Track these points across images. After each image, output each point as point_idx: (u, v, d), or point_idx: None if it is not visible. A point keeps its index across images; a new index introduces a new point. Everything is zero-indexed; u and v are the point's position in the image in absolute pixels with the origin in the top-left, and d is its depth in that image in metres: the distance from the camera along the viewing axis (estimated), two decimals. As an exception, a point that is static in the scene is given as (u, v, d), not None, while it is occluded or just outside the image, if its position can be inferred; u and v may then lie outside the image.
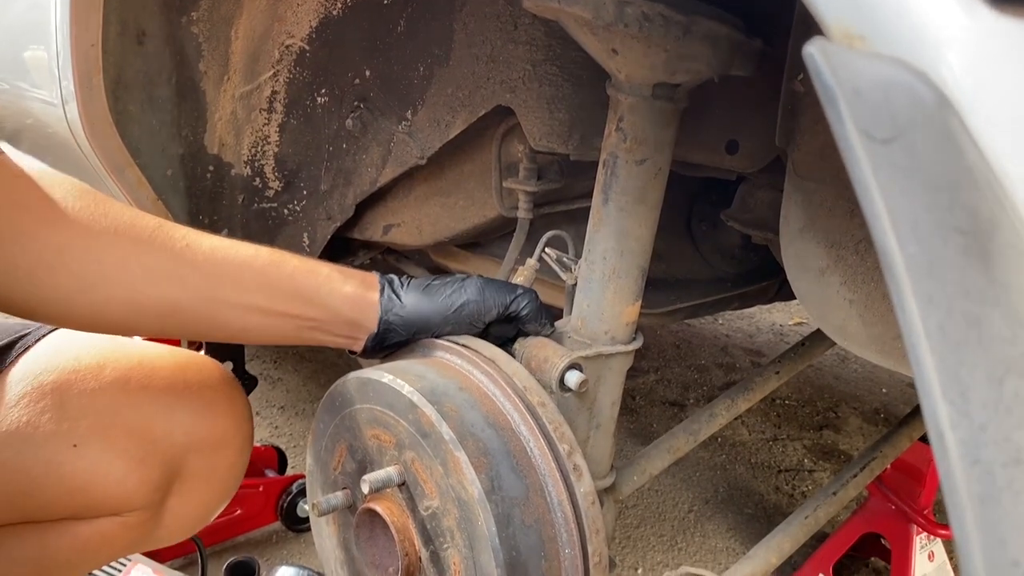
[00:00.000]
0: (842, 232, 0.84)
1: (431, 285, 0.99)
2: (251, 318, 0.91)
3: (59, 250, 0.79)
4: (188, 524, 1.01)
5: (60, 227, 0.80)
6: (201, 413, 0.97)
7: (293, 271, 0.93)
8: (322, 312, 0.95)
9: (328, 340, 0.98)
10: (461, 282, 0.99)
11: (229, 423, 1.00)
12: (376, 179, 1.38)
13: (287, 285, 0.92)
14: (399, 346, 0.99)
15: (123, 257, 0.82)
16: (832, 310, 0.85)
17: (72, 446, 0.88)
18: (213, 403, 0.99)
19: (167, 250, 0.85)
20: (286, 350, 2.69)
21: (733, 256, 1.60)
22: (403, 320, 0.96)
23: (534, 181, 1.27)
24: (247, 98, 1.33)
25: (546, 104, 1.11)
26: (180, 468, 0.96)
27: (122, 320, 0.85)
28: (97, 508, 0.90)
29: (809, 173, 0.85)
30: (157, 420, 0.94)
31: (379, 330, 0.96)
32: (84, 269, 0.80)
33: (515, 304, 0.98)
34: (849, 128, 0.37)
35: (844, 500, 1.21)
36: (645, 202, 0.97)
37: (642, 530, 2.00)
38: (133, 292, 0.83)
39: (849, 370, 2.99)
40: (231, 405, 1.01)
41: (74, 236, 0.80)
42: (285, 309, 0.92)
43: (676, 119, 0.94)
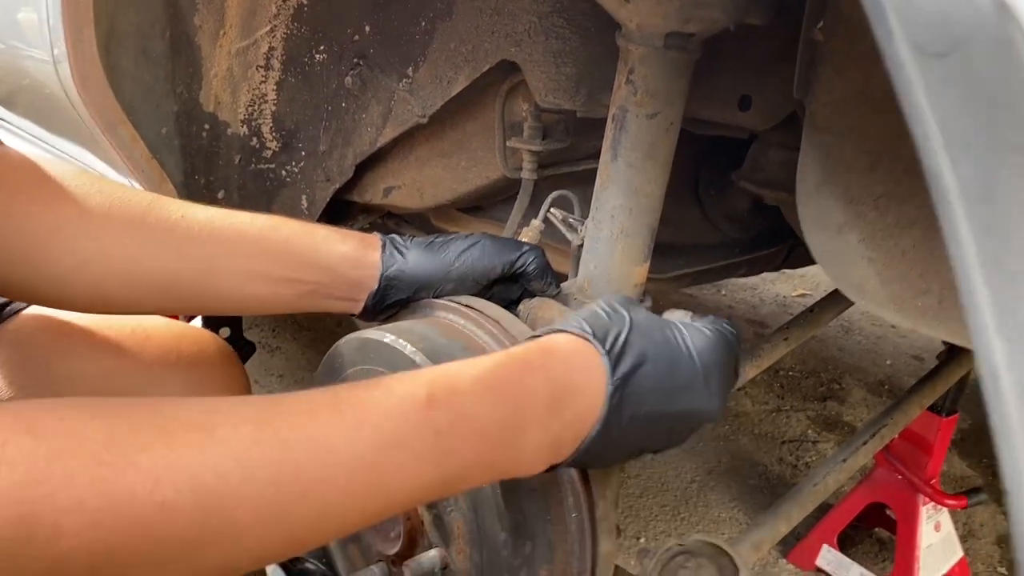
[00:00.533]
0: (861, 187, 0.80)
1: (434, 242, 0.96)
2: (250, 286, 0.89)
3: (54, 230, 0.79)
4: None
5: (54, 207, 0.80)
6: (196, 385, 0.94)
7: (290, 235, 0.91)
8: (321, 274, 0.93)
9: (329, 305, 0.96)
10: (465, 239, 0.96)
11: (223, 392, 0.97)
12: (376, 139, 1.34)
13: (284, 249, 0.90)
14: (400, 306, 0.96)
15: (119, 233, 0.82)
16: (850, 268, 0.82)
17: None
18: (209, 375, 0.96)
19: (162, 223, 0.84)
20: (284, 319, 2.66)
21: (741, 221, 1.57)
22: (405, 276, 0.93)
23: (539, 140, 1.23)
24: (243, 54, 1.29)
25: (552, 58, 1.07)
26: None
27: (121, 297, 0.85)
28: None
29: (827, 126, 0.82)
30: (149, 391, 0.91)
31: (379, 286, 0.93)
32: (80, 247, 0.80)
33: (521, 261, 0.95)
34: (899, 43, 0.34)
35: (853, 467, 1.19)
36: (655, 158, 0.94)
37: (644, 500, 1.98)
38: (130, 267, 0.83)
39: (853, 342, 2.97)
40: (228, 378, 0.98)
41: (69, 215, 0.80)
42: (284, 274, 0.91)
43: (689, 71, 0.91)
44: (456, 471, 0.63)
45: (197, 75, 1.29)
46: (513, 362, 0.70)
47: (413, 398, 0.62)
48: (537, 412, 0.67)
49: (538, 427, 0.67)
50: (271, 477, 0.54)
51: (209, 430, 0.53)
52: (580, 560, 0.85)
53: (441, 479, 0.62)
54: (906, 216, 0.77)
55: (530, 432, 0.67)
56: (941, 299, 0.75)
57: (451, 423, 0.62)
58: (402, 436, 0.60)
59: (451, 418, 0.62)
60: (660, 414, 0.73)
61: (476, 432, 0.63)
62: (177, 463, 0.51)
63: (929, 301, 0.76)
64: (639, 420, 0.71)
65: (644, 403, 0.71)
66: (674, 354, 0.74)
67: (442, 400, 0.63)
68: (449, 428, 0.62)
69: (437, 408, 0.62)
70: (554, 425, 0.68)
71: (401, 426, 0.60)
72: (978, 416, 2.50)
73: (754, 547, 1.05)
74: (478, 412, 0.64)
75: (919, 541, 1.65)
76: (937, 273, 0.76)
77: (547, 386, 0.68)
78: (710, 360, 0.75)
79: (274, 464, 0.54)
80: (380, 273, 0.93)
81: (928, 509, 1.67)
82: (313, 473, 0.56)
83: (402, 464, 0.60)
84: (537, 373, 0.69)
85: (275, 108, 1.36)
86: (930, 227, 0.76)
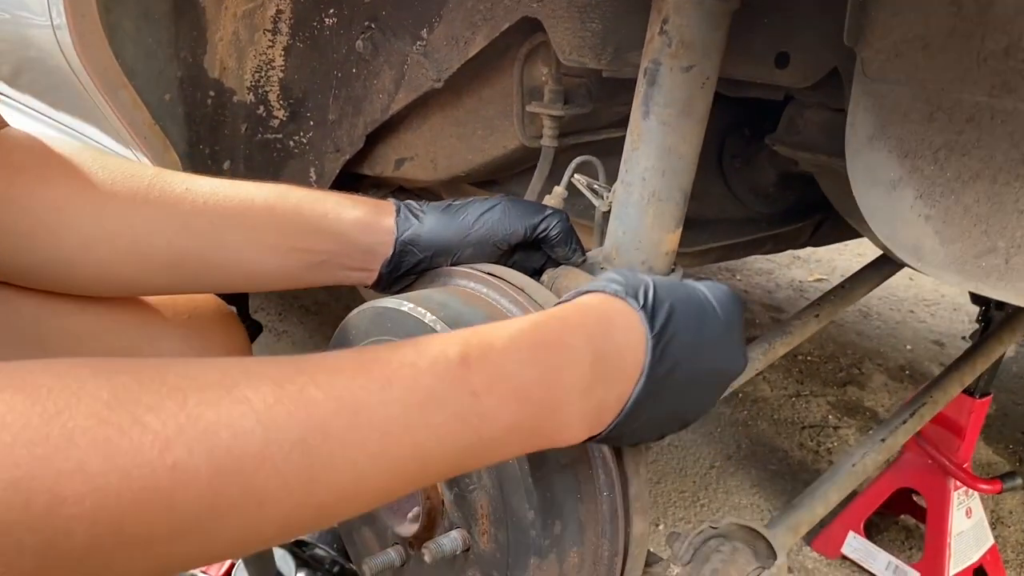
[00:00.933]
0: (918, 139, 0.74)
1: (451, 206, 0.91)
2: (259, 258, 0.85)
3: (58, 208, 0.77)
4: None
5: (57, 186, 0.77)
6: (192, 340, 0.89)
7: (298, 202, 0.87)
8: (332, 242, 0.88)
9: (341, 276, 0.91)
10: (484, 202, 0.91)
11: (223, 352, 0.92)
12: (388, 106, 1.28)
13: (293, 218, 0.86)
14: (416, 274, 0.91)
15: (123, 210, 0.79)
16: (905, 228, 0.76)
17: None
18: (205, 331, 0.91)
19: (167, 197, 0.81)
20: (291, 302, 2.61)
21: (767, 195, 1.51)
22: (421, 240, 0.88)
23: (560, 105, 1.17)
24: (250, 17, 1.23)
25: (577, 13, 1.01)
26: None
27: (128, 276, 0.82)
28: None
29: (882, 74, 0.76)
30: (143, 346, 0.86)
31: (394, 252, 0.87)
32: (85, 226, 0.78)
33: (544, 224, 0.90)
34: None
35: (893, 448, 1.13)
36: (691, 115, 0.88)
37: (663, 486, 1.93)
38: (137, 244, 0.80)
39: (872, 327, 2.90)
40: (225, 334, 0.93)
41: (72, 193, 0.77)
42: (293, 243, 0.86)
43: (727, 21, 0.85)
44: (495, 436, 0.57)
45: (201, 39, 1.23)
46: (551, 321, 0.65)
47: (446, 357, 0.57)
48: (580, 372, 0.62)
49: (582, 389, 0.62)
50: (296, 439, 0.48)
51: (227, 388, 0.48)
52: (612, 542, 0.79)
53: (480, 444, 0.57)
54: (968, 169, 0.71)
55: (573, 395, 0.62)
56: (1008, 258, 0.70)
57: (488, 384, 0.57)
58: (438, 396, 0.55)
59: (487, 379, 0.57)
60: (695, 371, 0.70)
61: (515, 393, 0.58)
62: (190, 422, 0.45)
63: (995, 261, 0.70)
64: (677, 380, 0.68)
65: (681, 358, 0.67)
66: (700, 307, 0.71)
67: (477, 359, 0.57)
68: (486, 389, 0.57)
69: (472, 368, 0.57)
70: (598, 387, 0.63)
71: (435, 386, 0.55)
72: (1004, 401, 2.44)
73: (791, 530, 0.99)
74: (517, 372, 0.59)
75: (950, 527, 1.59)
76: (1004, 229, 0.70)
77: (588, 345, 0.63)
78: (732, 311, 0.73)
79: (299, 424, 0.49)
80: (395, 239, 0.88)
81: (959, 495, 1.61)
82: (343, 435, 0.50)
83: (438, 426, 0.54)
84: (577, 331, 0.64)
85: (283, 75, 1.30)
86: (996, 180, 0.70)
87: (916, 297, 3.22)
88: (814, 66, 0.96)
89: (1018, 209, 0.69)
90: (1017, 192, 0.69)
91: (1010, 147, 0.69)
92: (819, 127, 1.09)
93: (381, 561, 0.87)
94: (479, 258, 0.91)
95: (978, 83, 0.70)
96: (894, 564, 1.66)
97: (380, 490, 0.54)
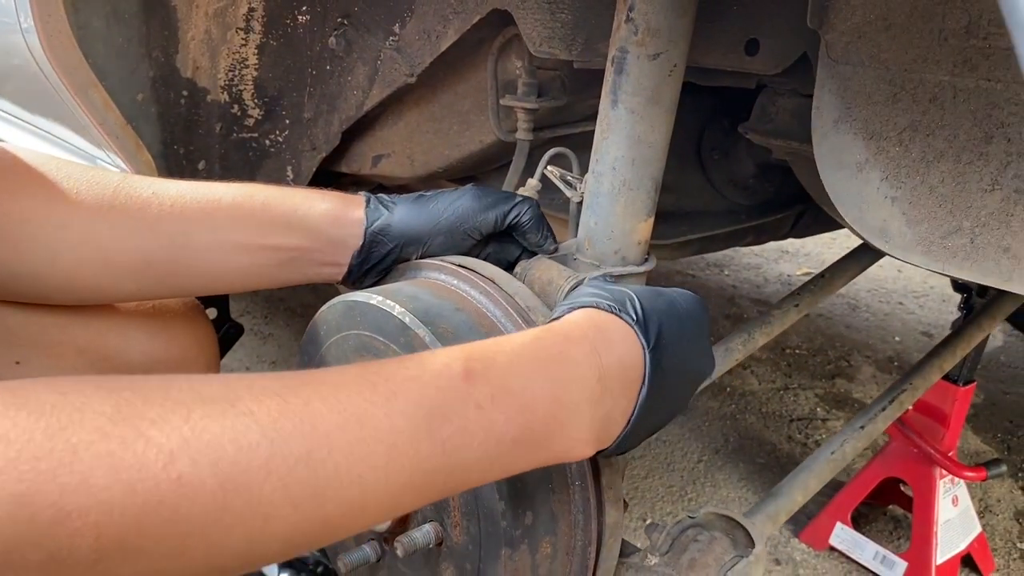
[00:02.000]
0: (883, 121, 0.74)
1: (422, 196, 0.91)
2: (228, 258, 0.85)
3: (23, 221, 0.76)
4: None
5: (21, 198, 0.77)
6: (157, 331, 0.89)
7: (266, 199, 0.87)
8: (302, 236, 0.87)
9: (313, 273, 0.90)
10: (454, 191, 0.91)
11: (190, 342, 0.92)
12: (363, 102, 1.28)
13: (261, 215, 0.86)
14: (387, 263, 0.90)
15: (89, 218, 0.78)
16: (871, 209, 0.76)
17: (15, 363, 0.79)
18: (170, 322, 0.90)
19: (133, 201, 0.80)
20: (277, 305, 2.60)
21: (746, 187, 1.51)
22: (391, 230, 0.88)
23: (534, 97, 1.17)
24: (221, 15, 1.23)
25: (547, 4, 1.01)
26: None
27: (96, 284, 0.81)
28: None
29: (846, 56, 0.75)
30: (109, 336, 0.86)
31: (364, 242, 0.87)
32: (50, 236, 0.77)
33: (515, 212, 0.90)
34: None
35: (872, 435, 1.13)
36: (659, 103, 0.87)
37: (650, 481, 1.92)
38: (103, 252, 0.79)
39: (860, 319, 2.90)
40: (191, 324, 0.93)
41: (37, 205, 0.77)
42: (263, 241, 0.86)
43: (693, 8, 0.85)
44: (501, 450, 0.57)
45: (173, 38, 1.22)
46: (553, 336, 0.65)
47: (450, 371, 0.57)
48: (588, 386, 0.63)
49: (590, 403, 0.63)
50: (301, 453, 0.48)
51: (231, 401, 0.48)
52: (585, 531, 0.79)
53: (486, 458, 0.57)
54: (933, 149, 0.71)
55: (582, 408, 0.62)
56: (973, 237, 0.69)
57: (493, 397, 0.57)
58: (443, 409, 0.54)
59: (492, 392, 0.57)
60: (681, 376, 0.72)
61: (521, 407, 0.58)
62: (194, 435, 0.45)
63: (960, 241, 0.70)
64: (669, 387, 0.70)
65: (670, 367, 0.69)
66: (679, 316, 0.73)
67: (480, 373, 0.57)
68: (491, 403, 0.57)
69: (476, 382, 0.57)
70: (606, 401, 0.64)
71: (440, 399, 0.55)
72: (991, 390, 2.44)
73: (769, 519, 0.99)
74: (522, 386, 0.59)
75: (936, 516, 1.59)
76: (969, 209, 0.69)
77: (592, 359, 0.64)
78: (702, 317, 0.77)
79: (304, 437, 0.48)
80: (364, 229, 0.88)
81: (945, 483, 1.61)
82: (349, 448, 0.50)
83: (444, 440, 0.54)
84: (581, 345, 0.64)
85: (256, 73, 1.30)
86: (960, 159, 0.70)
87: (905, 289, 3.22)
88: (784, 52, 0.96)
89: (982, 188, 0.69)
90: (981, 171, 0.69)
91: (973, 126, 0.69)
92: (791, 114, 1.09)
93: (356, 557, 0.87)
94: (450, 246, 0.90)
95: (940, 63, 0.70)
96: (882, 554, 1.66)
97: (386, 504, 0.54)
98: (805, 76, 0.96)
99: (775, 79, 1.03)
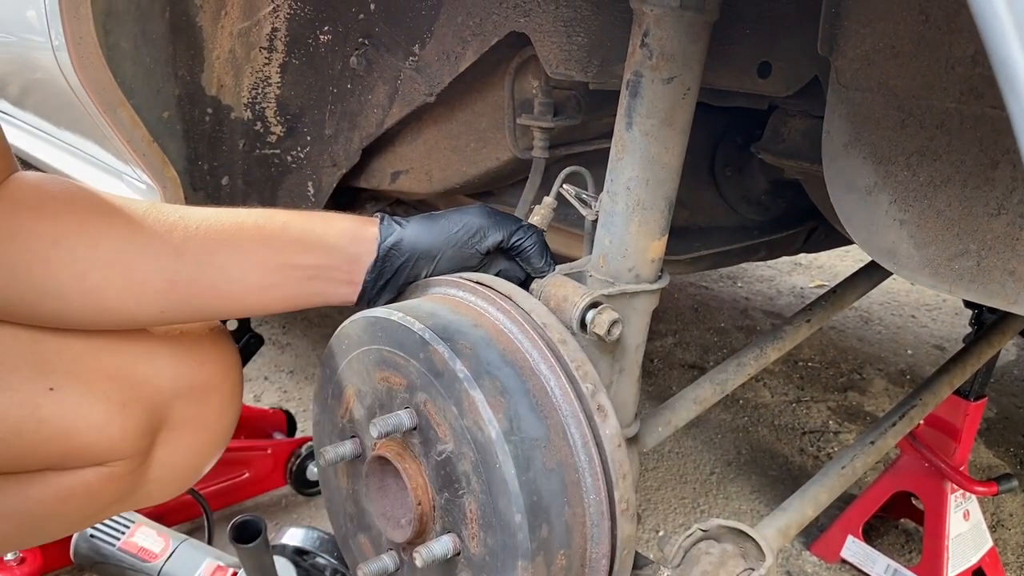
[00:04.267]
0: (891, 145, 0.76)
1: (433, 214, 0.95)
2: (250, 276, 0.88)
3: (54, 242, 0.80)
4: (179, 476, 0.95)
5: (54, 220, 0.81)
6: (185, 358, 0.91)
7: (286, 222, 0.91)
8: (321, 255, 0.90)
9: (330, 292, 0.93)
10: (463, 208, 0.96)
11: (215, 368, 0.94)
12: (383, 120, 1.31)
13: (282, 235, 0.90)
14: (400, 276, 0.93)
15: (117, 239, 0.82)
16: (880, 232, 0.78)
17: (49, 389, 0.82)
18: (197, 348, 0.93)
19: (160, 225, 0.84)
20: (295, 315, 2.63)
21: (759, 203, 1.53)
22: (404, 244, 0.91)
23: (550, 117, 1.19)
24: (246, 35, 1.26)
25: (563, 27, 1.03)
26: (166, 415, 0.90)
27: (120, 305, 0.84)
28: (79, 457, 0.84)
29: (855, 81, 0.77)
30: (139, 364, 0.88)
31: (379, 255, 0.90)
32: (79, 256, 0.81)
33: (518, 235, 0.93)
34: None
35: (883, 450, 1.14)
36: (673, 125, 0.90)
37: (663, 492, 1.94)
38: (129, 271, 0.83)
39: (872, 332, 2.91)
40: (217, 351, 0.95)
41: (68, 226, 0.81)
42: (284, 260, 0.89)
43: (706, 33, 0.87)
44: None
45: (199, 57, 1.26)
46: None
47: None
48: None
49: None
50: None
51: None
52: (599, 544, 0.81)
53: None
54: (940, 174, 0.73)
55: None
56: (980, 260, 0.71)
57: None
58: None
59: None
60: None
61: None
62: None
63: (967, 263, 0.72)
64: None
65: None
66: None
67: None
68: None
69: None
70: None
71: None
72: (1004, 404, 2.44)
73: (780, 532, 1.01)
74: None
75: (947, 530, 1.60)
76: (975, 232, 0.71)
77: None
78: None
79: None
80: (378, 244, 0.90)
81: (956, 497, 1.62)
82: None
83: None
84: None
85: (279, 91, 1.33)
86: (967, 184, 0.72)
87: (917, 302, 3.22)
88: (795, 75, 0.98)
89: (988, 212, 0.71)
90: (987, 196, 0.70)
91: (979, 152, 0.70)
92: (803, 135, 1.11)
93: (376, 567, 0.89)
94: (459, 261, 0.93)
95: (947, 90, 0.71)
96: (893, 568, 1.67)
97: None
98: (816, 98, 0.98)
99: (787, 100, 1.05)
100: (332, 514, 1.04)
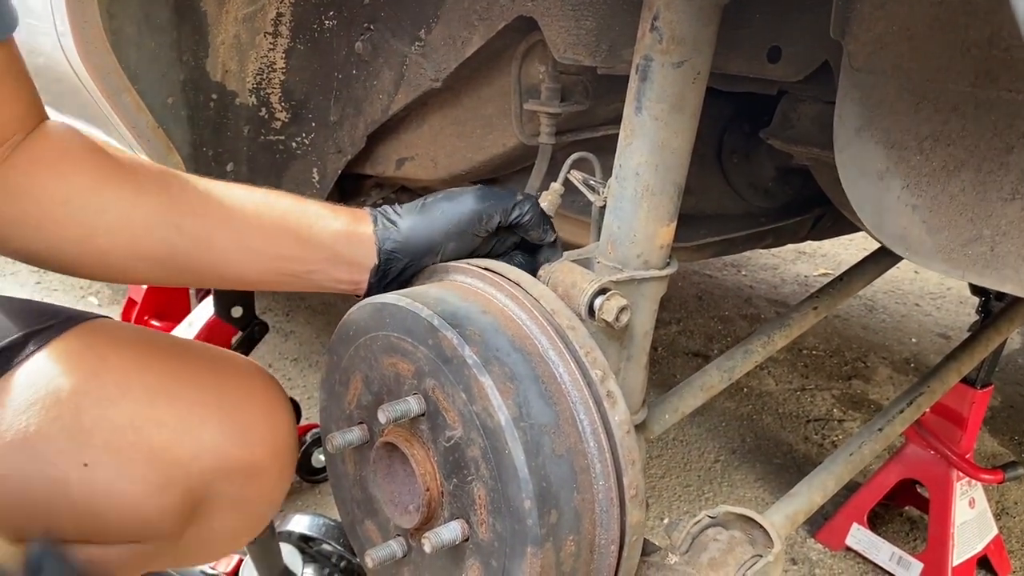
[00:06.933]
0: (904, 130, 0.75)
1: (426, 203, 0.92)
2: (247, 260, 0.88)
3: (66, 201, 0.81)
4: (214, 552, 0.94)
5: (69, 179, 0.82)
6: (235, 435, 0.89)
7: (285, 211, 0.90)
8: (317, 253, 0.90)
9: (330, 285, 0.92)
10: (456, 193, 0.92)
11: (266, 451, 0.91)
12: (388, 106, 1.30)
13: (280, 225, 0.89)
14: (405, 275, 0.92)
15: (125, 206, 0.83)
16: (892, 217, 0.77)
17: (83, 465, 0.80)
18: (251, 424, 0.91)
19: (166, 197, 0.85)
20: (298, 303, 2.63)
21: (766, 190, 1.52)
22: (403, 244, 0.90)
23: (557, 102, 1.18)
24: (251, 20, 1.25)
25: (571, 11, 1.02)
26: (207, 494, 0.87)
27: (123, 266, 0.86)
28: (111, 534, 0.83)
29: (868, 64, 0.77)
30: (184, 440, 0.85)
31: (380, 261, 0.89)
32: (89, 220, 0.82)
33: (517, 209, 0.92)
34: None
35: (891, 436, 1.14)
36: (683, 110, 0.89)
37: (667, 480, 1.94)
38: (133, 239, 0.84)
39: (877, 320, 2.91)
40: (272, 427, 0.93)
41: (81, 187, 0.82)
42: (279, 251, 0.89)
43: (717, 16, 0.86)
44: None
45: (203, 42, 1.25)
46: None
47: None
48: None
49: None
50: None
51: None
52: (608, 530, 0.81)
53: None
54: (954, 159, 0.72)
55: None
56: (994, 245, 0.71)
57: None
58: None
59: None
60: None
61: None
62: None
63: (981, 249, 0.71)
64: None
65: None
66: None
67: None
68: None
69: None
70: None
71: None
72: (1009, 393, 2.44)
73: (788, 518, 1.00)
74: None
75: (953, 518, 1.60)
76: (989, 218, 0.71)
77: None
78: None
79: None
80: (377, 248, 0.89)
81: (962, 485, 1.62)
82: None
83: None
84: None
85: (284, 77, 1.32)
86: (980, 168, 0.71)
87: (921, 290, 3.22)
88: (805, 60, 0.98)
89: (1002, 197, 0.70)
90: (1001, 181, 0.70)
91: (994, 136, 0.70)
92: (812, 120, 1.10)
93: (383, 553, 0.89)
94: (462, 249, 0.92)
95: (962, 73, 0.71)
96: (898, 555, 1.67)
97: None
98: (827, 83, 0.97)
99: (796, 86, 1.05)
100: (339, 500, 1.04)
